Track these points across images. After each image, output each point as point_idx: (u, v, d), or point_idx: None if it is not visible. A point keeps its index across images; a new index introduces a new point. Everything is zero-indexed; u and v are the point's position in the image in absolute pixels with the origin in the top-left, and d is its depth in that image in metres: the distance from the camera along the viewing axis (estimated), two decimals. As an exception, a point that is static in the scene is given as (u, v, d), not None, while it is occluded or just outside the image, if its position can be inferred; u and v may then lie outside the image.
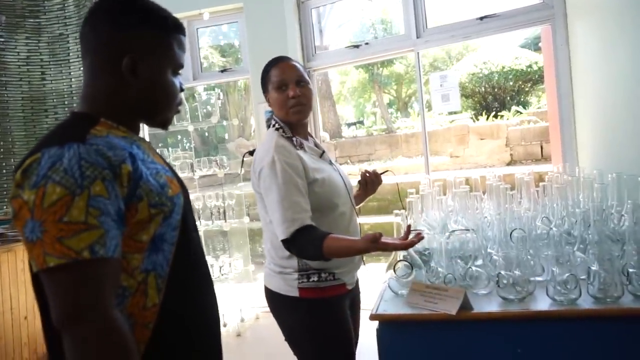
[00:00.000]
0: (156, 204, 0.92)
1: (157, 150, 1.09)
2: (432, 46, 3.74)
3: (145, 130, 4.41)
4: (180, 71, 1.06)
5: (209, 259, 3.92)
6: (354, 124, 17.76)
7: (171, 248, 0.96)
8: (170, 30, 1.01)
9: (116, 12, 0.97)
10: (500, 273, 1.45)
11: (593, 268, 1.35)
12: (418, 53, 3.63)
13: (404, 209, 2.33)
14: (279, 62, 1.76)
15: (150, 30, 0.98)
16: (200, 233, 3.90)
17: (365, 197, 2.01)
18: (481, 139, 8.38)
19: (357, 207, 1.94)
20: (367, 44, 3.93)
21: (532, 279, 1.50)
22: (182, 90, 1.07)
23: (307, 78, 1.78)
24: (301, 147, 1.73)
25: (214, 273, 3.79)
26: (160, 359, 0.94)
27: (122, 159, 0.88)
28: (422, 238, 1.47)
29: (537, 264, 1.61)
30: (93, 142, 0.86)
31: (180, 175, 3.95)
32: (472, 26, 3.41)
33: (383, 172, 2.02)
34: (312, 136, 1.91)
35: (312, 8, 4.19)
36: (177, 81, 1.05)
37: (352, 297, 1.84)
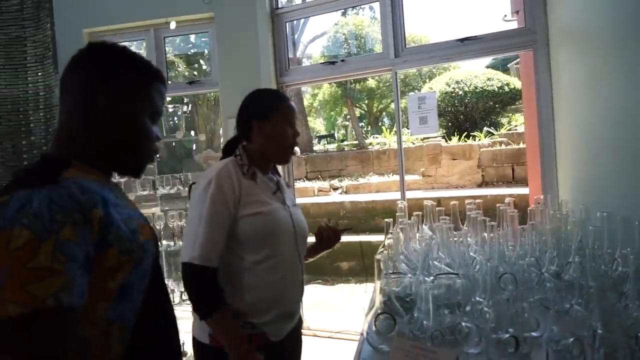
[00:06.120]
0: (126, 251, 0.90)
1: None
2: (410, 67, 3.62)
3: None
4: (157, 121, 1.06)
5: (170, 283, 3.69)
6: (325, 137, 17.64)
7: (139, 297, 0.93)
8: (149, 76, 1.01)
9: (98, 55, 0.98)
10: (493, 336, 1.28)
11: (599, 331, 1.20)
12: (396, 73, 3.50)
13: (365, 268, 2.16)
14: (290, 101, 1.70)
15: (129, 73, 0.99)
16: (163, 254, 3.64)
17: (318, 252, 1.81)
18: (453, 159, 8.34)
19: (305, 260, 1.73)
20: (343, 60, 3.78)
21: (527, 335, 1.35)
22: (158, 139, 1.05)
23: None
24: (252, 177, 1.59)
25: (174, 299, 3.53)
26: None
27: (93, 203, 0.85)
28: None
29: (531, 315, 1.46)
30: (65, 184, 0.84)
31: (141, 193, 3.65)
32: (452, 48, 3.30)
33: (343, 230, 1.82)
34: (277, 173, 1.74)
35: (286, 21, 4.02)
36: (154, 129, 1.03)
37: (281, 353, 1.60)
